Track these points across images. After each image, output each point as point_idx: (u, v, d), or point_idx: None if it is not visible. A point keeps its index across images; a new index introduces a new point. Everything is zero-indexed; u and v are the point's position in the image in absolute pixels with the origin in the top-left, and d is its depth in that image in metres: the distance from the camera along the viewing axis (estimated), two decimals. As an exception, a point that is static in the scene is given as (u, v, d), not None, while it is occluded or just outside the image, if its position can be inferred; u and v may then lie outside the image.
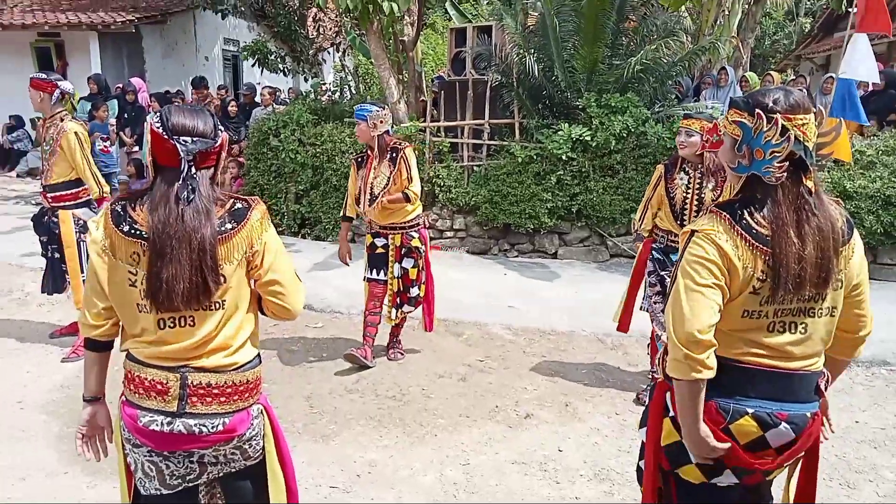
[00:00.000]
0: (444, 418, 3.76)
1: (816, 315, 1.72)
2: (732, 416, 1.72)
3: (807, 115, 1.66)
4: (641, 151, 7.00)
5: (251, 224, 1.81)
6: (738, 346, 1.73)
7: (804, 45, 19.43)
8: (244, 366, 1.85)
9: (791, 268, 1.63)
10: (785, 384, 1.73)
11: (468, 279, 6.48)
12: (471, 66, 7.86)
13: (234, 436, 1.83)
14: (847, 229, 1.71)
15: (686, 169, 3.67)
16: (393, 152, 4.26)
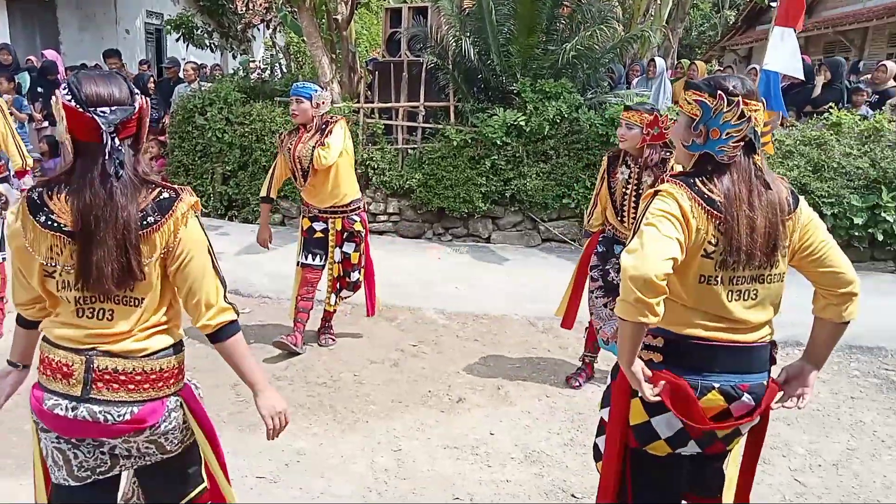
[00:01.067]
0: (375, 404, 3.71)
1: (767, 281, 1.81)
2: (701, 392, 1.81)
3: (758, 102, 1.79)
4: (574, 138, 7.09)
5: (175, 218, 1.68)
6: (701, 321, 1.81)
7: (728, 37, 20.13)
8: (157, 353, 1.74)
9: (743, 237, 1.72)
10: (744, 357, 1.84)
11: (402, 263, 6.43)
12: (406, 47, 7.76)
13: (145, 427, 1.72)
14: (792, 200, 1.81)
15: (628, 162, 3.61)
16: (324, 125, 4.10)
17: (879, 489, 3.09)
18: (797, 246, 1.82)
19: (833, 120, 6.93)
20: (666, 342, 1.84)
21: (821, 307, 1.86)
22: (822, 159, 6.67)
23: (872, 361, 4.57)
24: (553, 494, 2.98)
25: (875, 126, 6.77)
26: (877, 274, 6.67)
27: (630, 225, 3.56)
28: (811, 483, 3.12)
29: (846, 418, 3.76)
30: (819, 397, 3.99)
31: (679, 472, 1.98)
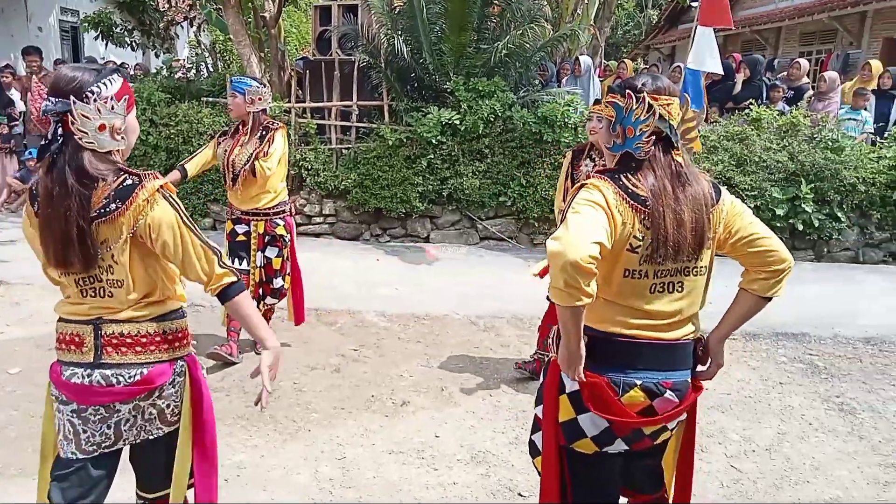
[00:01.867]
0: (317, 412, 3.63)
1: (692, 273, 1.84)
2: (623, 389, 1.82)
3: (671, 97, 1.82)
4: (508, 136, 7.14)
5: (137, 205, 1.73)
6: (621, 317, 1.82)
7: (652, 36, 20.77)
8: (161, 316, 1.85)
9: (670, 231, 1.74)
10: (667, 354, 1.85)
11: (339, 266, 6.32)
12: (337, 45, 7.63)
13: (154, 387, 1.83)
14: (715, 193, 1.84)
15: (592, 156, 3.64)
16: (264, 130, 4.01)
17: (809, 470, 3.23)
18: (724, 235, 1.84)
19: (753, 116, 7.22)
20: (589, 339, 1.82)
21: (749, 280, 1.88)
22: (744, 154, 6.94)
23: (798, 347, 4.78)
24: (500, 494, 2.98)
25: (792, 121, 7.09)
26: (798, 263, 6.96)
27: None
28: (746, 468, 3.23)
29: (776, 404, 3.91)
30: (750, 384, 4.14)
31: (611, 470, 1.97)
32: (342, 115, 7.61)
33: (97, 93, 1.70)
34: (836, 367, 4.47)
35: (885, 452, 3.39)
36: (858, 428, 3.64)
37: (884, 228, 7.16)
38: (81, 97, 1.68)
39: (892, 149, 7.16)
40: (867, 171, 6.95)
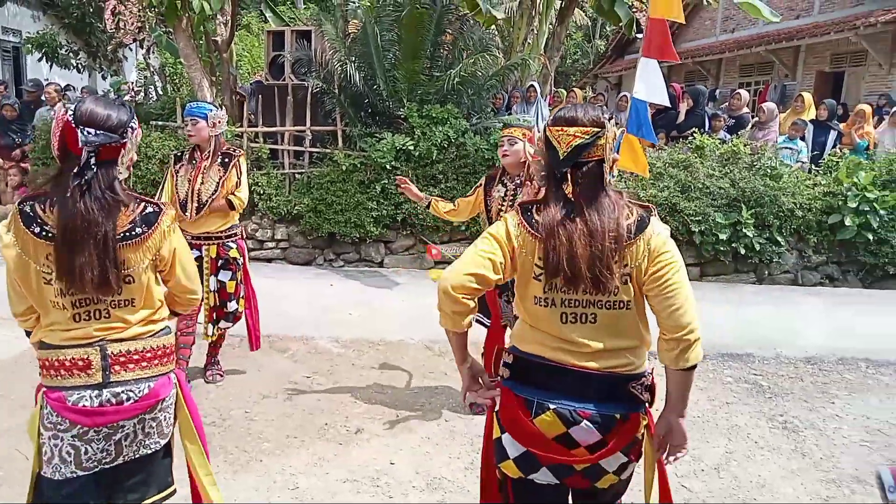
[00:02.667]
0: (269, 441, 3.56)
1: (606, 307, 1.80)
2: (536, 411, 1.82)
3: (568, 126, 1.80)
4: (462, 162, 7.22)
5: (161, 230, 1.92)
6: (541, 340, 1.85)
7: (600, 65, 21.38)
8: (158, 332, 1.99)
9: (562, 260, 1.75)
10: (586, 383, 1.80)
11: (292, 291, 6.25)
12: (290, 70, 7.63)
13: (159, 400, 1.95)
14: (635, 228, 1.78)
15: (504, 181, 3.73)
16: (226, 157, 4.00)
17: (755, 488, 3.31)
18: (645, 277, 1.78)
19: (697, 144, 7.49)
20: (514, 359, 1.89)
21: (661, 353, 1.82)
22: (688, 180, 7.18)
23: (743, 367, 4.92)
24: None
25: (733, 150, 7.38)
26: (741, 285, 7.24)
27: None
28: (696, 488, 3.30)
29: (723, 423, 4.01)
30: (698, 404, 4.25)
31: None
32: (295, 140, 7.58)
33: (134, 128, 1.90)
34: (780, 387, 4.62)
35: (825, 469, 3.51)
36: (801, 445, 3.76)
37: (820, 252, 7.48)
38: (127, 131, 1.87)
39: (827, 176, 7.52)
40: (804, 198, 7.27)
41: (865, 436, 3.92)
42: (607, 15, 9.06)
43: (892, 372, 4.97)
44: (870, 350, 5.33)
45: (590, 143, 1.78)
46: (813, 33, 12.83)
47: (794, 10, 14.54)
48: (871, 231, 7.20)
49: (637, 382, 1.85)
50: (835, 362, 5.09)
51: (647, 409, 1.90)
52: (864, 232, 7.20)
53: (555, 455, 1.80)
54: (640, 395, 1.85)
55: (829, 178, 7.48)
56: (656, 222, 1.81)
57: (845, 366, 5.05)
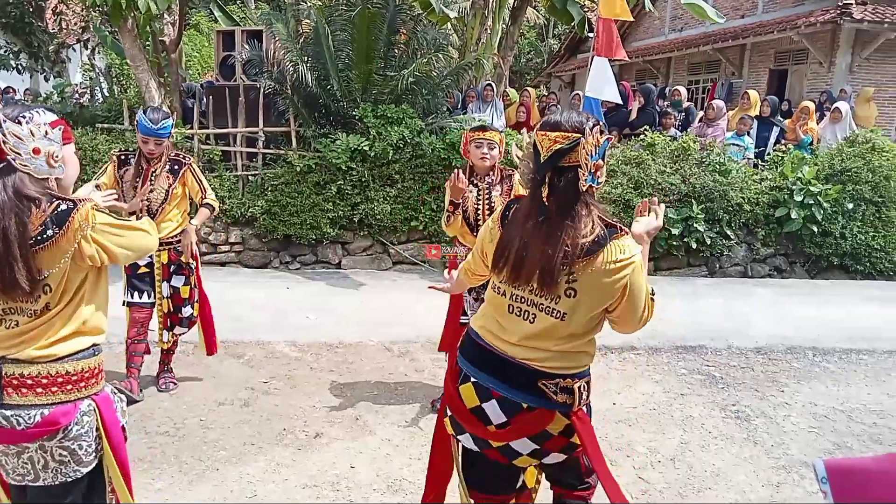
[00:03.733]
0: (226, 449, 3.49)
1: (546, 312, 1.88)
2: (462, 379, 2.03)
3: (550, 131, 1.84)
4: (418, 162, 7.21)
5: (74, 228, 1.77)
6: (487, 323, 2.01)
7: (554, 64, 21.62)
8: (67, 357, 1.83)
9: (510, 256, 1.87)
10: (500, 365, 1.95)
11: (247, 295, 6.15)
12: (241, 71, 7.50)
13: (56, 429, 1.80)
14: (593, 247, 1.79)
15: (474, 181, 3.74)
16: (175, 164, 3.93)
17: (710, 477, 3.39)
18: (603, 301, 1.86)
19: (648, 141, 7.63)
20: (465, 334, 2.12)
21: None
22: (641, 177, 7.31)
23: (696, 359, 5.03)
24: (418, 522, 2.95)
25: (683, 146, 7.54)
26: (693, 279, 7.40)
27: None
28: (653, 479, 3.36)
29: (678, 414, 4.10)
30: (654, 397, 4.33)
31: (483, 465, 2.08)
32: (248, 142, 7.46)
33: (29, 117, 1.77)
34: (732, 377, 4.74)
35: (776, 455, 3.62)
36: (753, 434, 3.87)
37: (768, 245, 7.70)
38: (14, 119, 1.75)
39: (773, 171, 7.75)
40: (751, 192, 7.48)
41: (813, 422, 4.05)
42: (559, 14, 9.16)
43: (837, 359, 5.15)
44: (816, 338, 5.52)
45: (569, 149, 1.80)
46: (757, 32, 13.20)
47: (739, 10, 14.94)
48: (815, 223, 7.44)
49: (548, 381, 1.92)
50: (783, 351, 5.25)
51: (574, 412, 1.95)
52: (809, 224, 7.44)
53: (471, 426, 1.99)
54: (553, 394, 1.92)
55: (775, 172, 7.70)
56: (619, 244, 1.81)
57: (793, 354, 5.21)
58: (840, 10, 11.16)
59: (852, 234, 7.56)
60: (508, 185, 3.70)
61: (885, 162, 7.63)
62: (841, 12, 11.11)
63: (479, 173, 3.73)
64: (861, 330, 5.82)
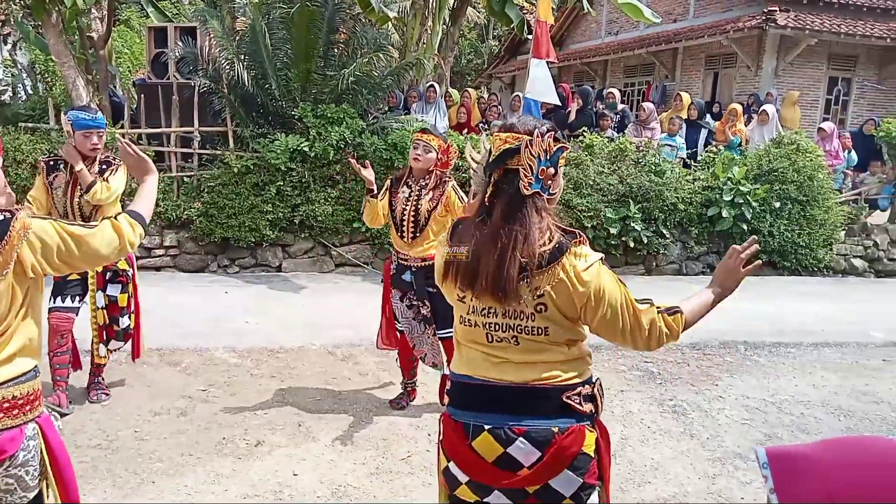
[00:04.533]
0: (162, 461, 3.37)
1: (526, 332, 1.72)
2: (473, 434, 1.73)
3: (503, 132, 1.75)
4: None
5: (13, 239, 1.67)
6: (470, 361, 1.79)
7: (494, 66, 21.80)
8: (10, 381, 1.71)
9: (465, 274, 1.72)
10: (517, 398, 1.73)
11: (184, 301, 5.96)
12: (174, 69, 7.28)
13: (4, 458, 1.70)
14: (550, 255, 1.68)
15: (409, 183, 3.75)
16: (104, 165, 3.77)
17: (649, 471, 3.48)
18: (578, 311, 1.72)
19: (587, 142, 7.77)
20: (451, 384, 1.83)
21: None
22: (580, 178, 7.45)
23: (635, 356, 5.15)
24: (363, 528, 2.92)
25: (620, 147, 7.72)
26: (631, 276, 7.59)
27: (409, 241, 3.74)
28: (595, 475, 3.42)
29: (619, 410, 4.18)
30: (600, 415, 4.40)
31: None
32: (183, 142, 7.24)
33: None
34: (669, 373, 4.87)
35: (711, 448, 3.74)
36: (689, 427, 3.99)
37: (701, 243, 7.97)
38: None
39: (705, 171, 8.02)
40: (685, 192, 7.72)
41: (745, 414, 4.20)
42: (499, 16, 9.24)
43: (766, 353, 5.37)
44: (747, 333, 5.74)
45: (516, 150, 1.70)
46: (689, 36, 13.64)
47: (671, 14, 15.40)
48: (745, 222, 7.74)
49: (572, 392, 1.75)
50: (717, 346, 5.44)
51: (596, 421, 1.81)
52: (739, 223, 7.73)
53: (498, 479, 1.71)
54: (579, 406, 1.74)
55: (706, 173, 7.97)
56: (578, 251, 1.70)
57: (726, 349, 5.40)
58: (765, 16, 11.64)
59: (780, 232, 7.89)
60: (441, 191, 3.69)
61: (808, 162, 7.99)
62: (766, 18, 11.59)
63: (415, 175, 3.74)
64: (788, 324, 6.09)
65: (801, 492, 0.92)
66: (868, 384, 4.80)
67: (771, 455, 0.97)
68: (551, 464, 1.69)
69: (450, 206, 3.67)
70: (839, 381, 4.85)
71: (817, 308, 6.66)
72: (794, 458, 0.96)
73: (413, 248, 3.74)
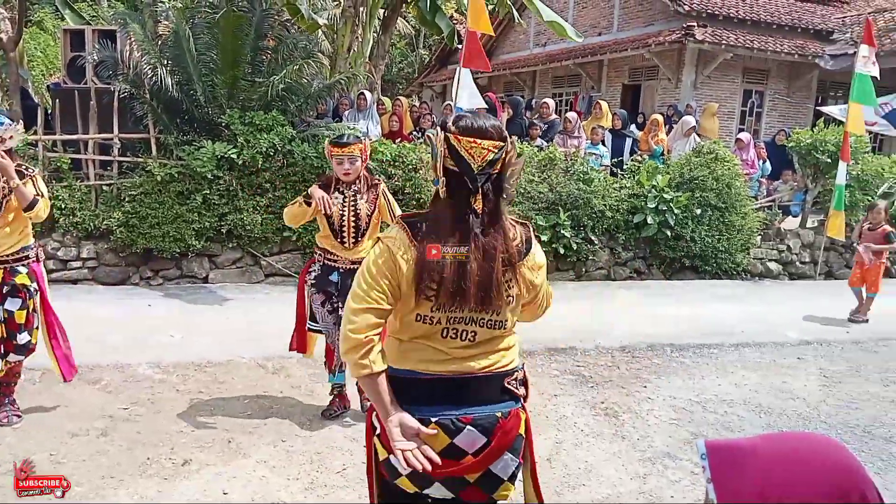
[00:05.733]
0: (81, 485, 3.18)
1: (486, 326, 1.79)
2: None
3: (481, 139, 1.73)
4: (290, 170, 7.01)
5: None
6: (416, 356, 1.80)
7: (425, 74, 21.91)
8: None
9: (452, 279, 1.71)
10: (464, 388, 1.79)
11: (104, 315, 5.69)
12: (92, 73, 6.96)
13: None
14: (525, 248, 1.81)
15: (340, 189, 3.74)
16: (19, 175, 3.55)
17: (583, 473, 3.53)
18: (528, 294, 1.84)
19: (518, 151, 7.88)
20: (393, 380, 1.80)
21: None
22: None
23: (567, 360, 5.25)
24: (297, 545, 2.84)
25: (549, 156, 7.87)
26: (562, 283, 7.73)
27: (350, 246, 3.74)
28: (531, 480, 3.44)
29: (552, 415, 4.24)
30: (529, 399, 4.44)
31: None
32: (101, 149, 6.93)
33: None
34: (600, 376, 4.98)
35: (642, 448, 3.83)
36: (620, 429, 4.08)
37: (628, 249, 8.21)
38: None
39: (630, 179, 8.27)
40: (612, 199, 7.94)
41: (673, 414, 4.34)
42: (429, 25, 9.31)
43: (691, 354, 5.56)
44: (673, 335, 5.94)
45: (498, 157, 1.75)
46: (613, 49, 14.09)
47: (596, 28, 15.88)
48: (668, 228, 8.02)
49: (512, 378, 1.86)
50: (645, 349, 5.60)
51: (523, 404, 1.89)
52: (664, 229, 8.01)
53: (444, 469, 1.73)
54: (517, 389, 1.86)
55: (632, 181, 8.23)
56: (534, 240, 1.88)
57: (654, 351, 5.56)
58: (684, 31, 12.15)
59: (701, 238, 8.22)
60: (374, 194, 3.77)
61: (726, 171, 8.36)
62: (685, 33, 12.10)
63: (343, 181, 3.74)
64: (711, 326, 6.34)
65: (737, 481, 0.98)
66: (785, 381, 5.04)
67: (710, 447, 1.04)
68: (496, 448, 1.78)
69: (383, 210, 3.78)
70: (759, 379, 5.07)
71: (737, 310, 6.96)
72: (731, 450, 1.02)
73: (354, 252, 3.74)
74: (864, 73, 8.00)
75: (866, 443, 4.06)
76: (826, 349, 5.96)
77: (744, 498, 0.97)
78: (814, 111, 13.66)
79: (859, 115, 8.14)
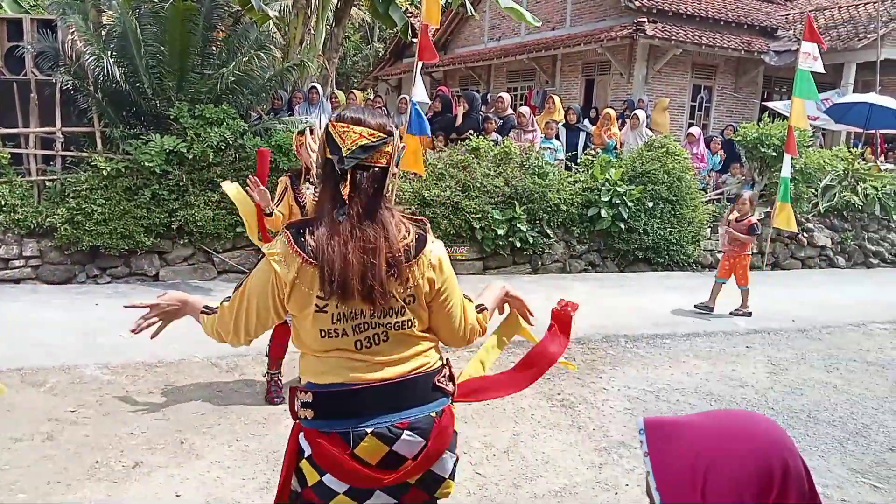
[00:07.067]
0: (25, 492, 3.07)
1: (395, 328, 1.72)
2: (354, 441, 1.68)
3: (354, 125, 1.67)
4: (242, 164, 6.88)
5: None
6: (337, 368, 1.71)
7: (380, 68, 21.76)
8: None
9: (336, 279, 1.62)
10: (396, 393, 1.72)
11: (48, 315, 5.49)
12: (32, 64, 6.69)
13: None
14: (416, 246, 1.71)
15: (310, 179, 3.70)
16: None
17: (541, 465, 3.57)
18: (431, 295, 1.75)
19: (473, 145, 7.91)
20: (314, 396, 1.71)
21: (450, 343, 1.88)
22: (468, 180, 7.56)
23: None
24: (254, 546, 2.80)
25: (505, 150, 7.91)
26: (519, 276, 7.79)
27: None
28: (488, 472, 3.46)
29: (510, 408, 4.27)
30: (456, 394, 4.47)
31: None
32: (43, 143, 6.67)
33: None
34: (556, 367, 5.00)
35: (597, 438, 3.89)
36: (577, 420, 4.13)
37: (583, 242, 8.31)
38: None
39: (584, 173, 8.38)
40: (567, 193, 8.03)
41: (628, 404, 4.42)
42: (383, 18, 9.23)
43: (645, 345, 5.67)
44: (627, 327, 6.04)
45: (375, 147, 1.67)
46: (566, 44, 14.24)
47: (550, 23, 16.00)
48: (622, 221, 8.16)
49: (440, 375, 1.81)
50: (600, 340, 5.68)
51: (452, 399, 1.87)
52: (617, 222, 8.14)
53: (380, 478, 1.68)
54: (446, 386, 1.82)
55: (586, 175, 8.34)
56: (431, 238, 1.77)
57: (608, 343, 5.65)
58: (635, 26, 12.35)
59: (653, 230, 8.38)
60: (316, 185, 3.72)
61: (677, 165, 8.54)
62: (636, 29, 12.30)
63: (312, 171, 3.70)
64: (663, 317, 6.48)
65: (670, 454, 1.06)
66: (734, 370, 5.19)
67: (647, 423, 1.12)
68: (435, 448, 1.74)
69: None
70: (709, 367, 5.21)
71: (688, 301, 7.13)
72: (666, 426, 1.10)
73: None
74: (805, 69, 8.25)
75: (811, 427, 4.21)
76: (773, 337, 6.15)
77: (676, 469, 1.04)
78: (760, 106, 14.07)
79: (802, 110, 8.39)
